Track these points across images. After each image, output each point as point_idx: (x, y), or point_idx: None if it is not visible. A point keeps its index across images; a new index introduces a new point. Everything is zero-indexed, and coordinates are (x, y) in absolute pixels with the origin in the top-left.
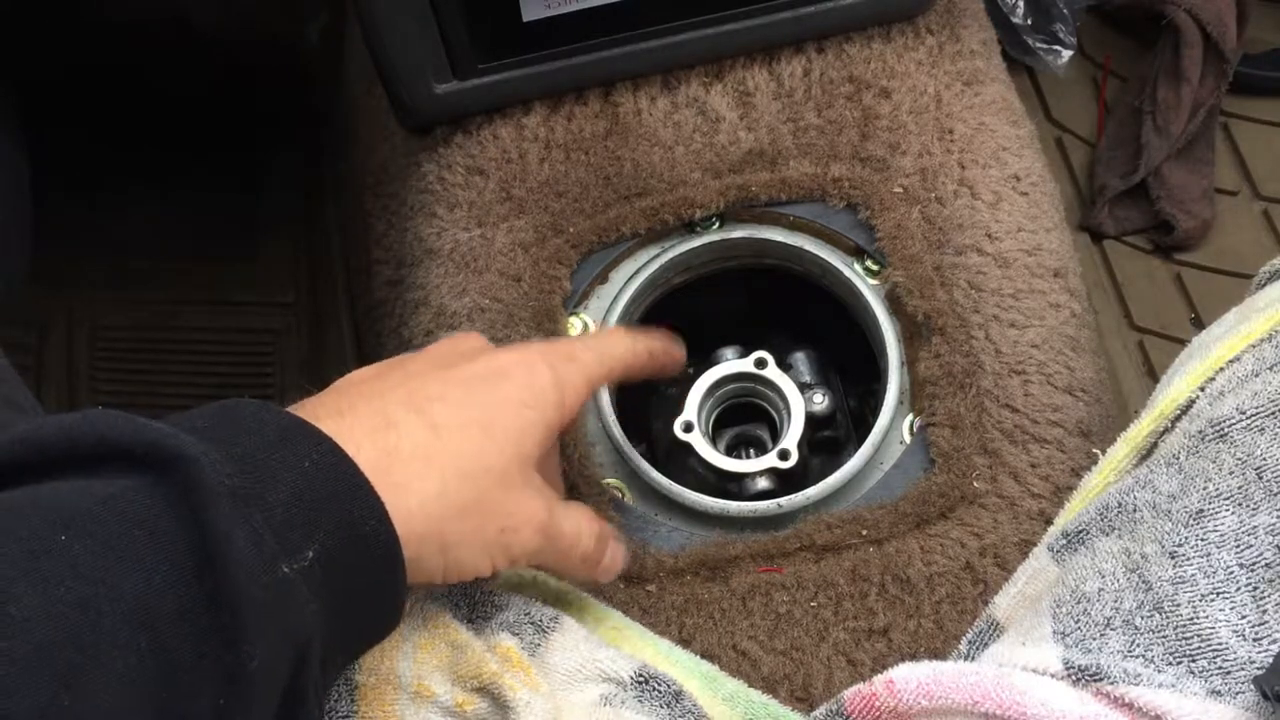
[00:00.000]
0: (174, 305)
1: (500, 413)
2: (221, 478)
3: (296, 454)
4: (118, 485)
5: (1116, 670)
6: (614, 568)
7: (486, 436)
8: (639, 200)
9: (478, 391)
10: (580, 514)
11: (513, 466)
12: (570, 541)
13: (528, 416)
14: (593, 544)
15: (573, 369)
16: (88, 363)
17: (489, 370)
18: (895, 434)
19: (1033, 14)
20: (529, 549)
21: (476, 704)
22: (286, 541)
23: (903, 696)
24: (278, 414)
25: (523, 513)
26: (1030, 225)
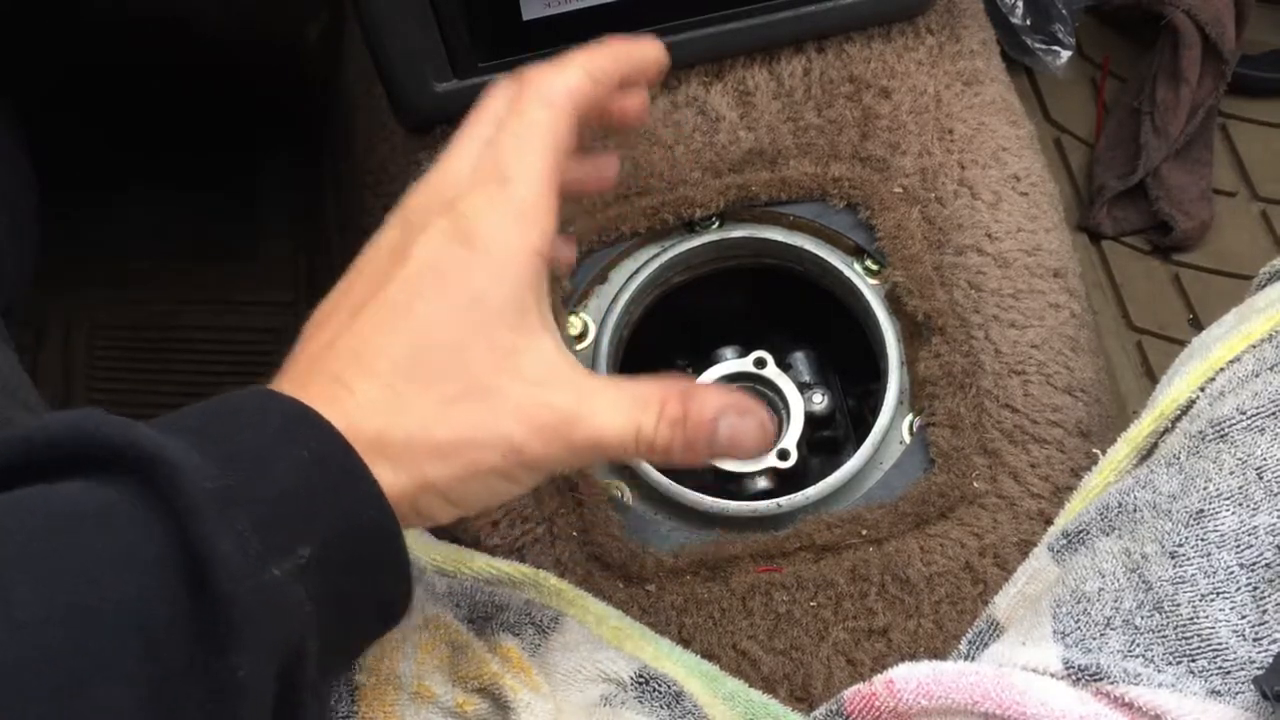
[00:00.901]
0: (173, 305)
1: (444, 329)
2: (202, 480)
3: (295, 445)
4: (107, 491)
5: (1116, 670)
6: (746, 442)
7: (441, 369)
8: (639, 199)
9: (410, 315)
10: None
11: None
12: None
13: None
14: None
15: (506, 199)
16: (86, 363)
17: (417, 274)
18: (895, 434)
19: (1032, 14)
20: (551, 462)
21: (477, 704)
22: (277, 542)
23: (902, 696)
24: (282, 402)
25: (513, 433)
26: (1030, 225)
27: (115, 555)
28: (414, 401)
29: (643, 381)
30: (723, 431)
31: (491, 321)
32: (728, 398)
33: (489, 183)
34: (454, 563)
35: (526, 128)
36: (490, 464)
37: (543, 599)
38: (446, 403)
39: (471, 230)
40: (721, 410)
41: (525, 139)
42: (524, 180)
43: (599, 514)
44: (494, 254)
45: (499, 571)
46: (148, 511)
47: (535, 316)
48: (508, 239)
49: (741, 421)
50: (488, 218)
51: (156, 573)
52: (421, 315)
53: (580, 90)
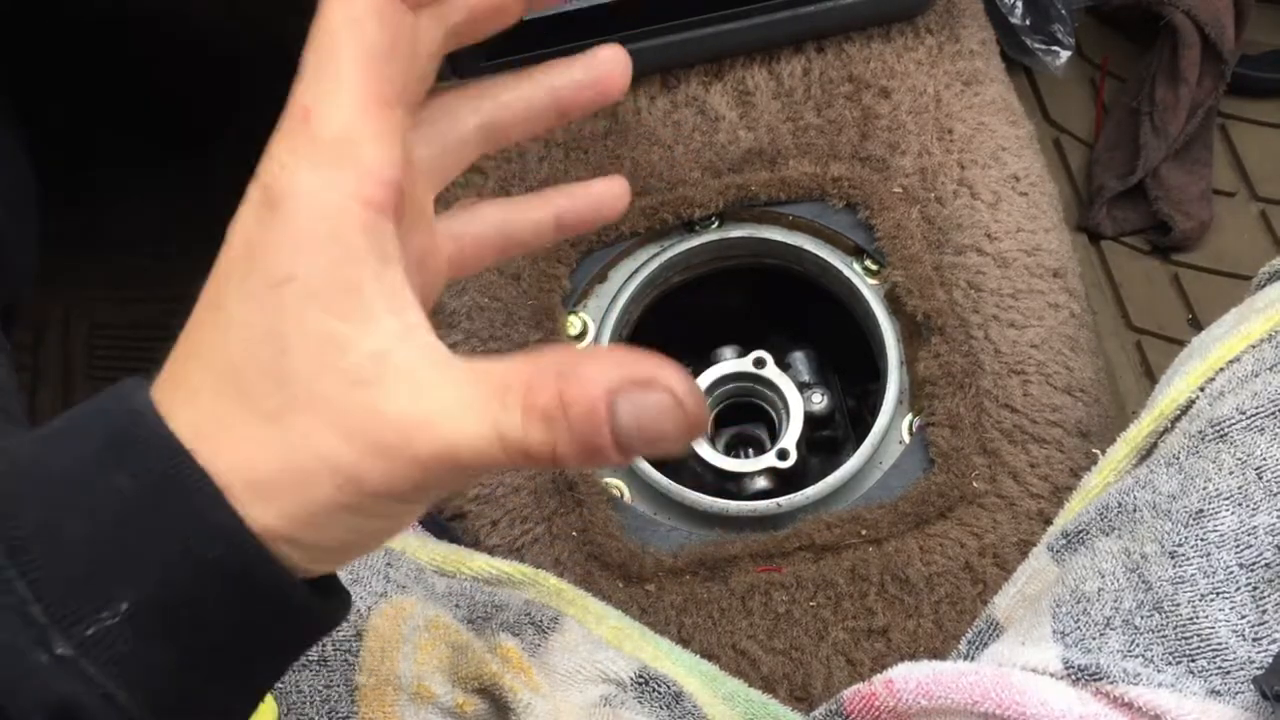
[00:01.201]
0: (172, 304)
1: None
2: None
3: (116, 469)
4: None
5: (1116, 670)
6: (660, 427)
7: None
8: (638, 199)
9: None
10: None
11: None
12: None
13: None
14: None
15: (308, 141)
16: (84, 362)
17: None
18: (894, 434)
19: (1031, 14)
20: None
21: (477, 705)
22: (72, 605)
23: (902, 696)
24: (123, 405)
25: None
26: (1029, 225)
27: None
28: (227, 424)
29: (507, 361)
30: (624, 418)
31: (306, 308)
32: (621, 367)
33: (291, 123)
34: (453, 563)
35: (322, 36)
36: (328, 498)
37: (542, 599)
38: (262, 422)
39: (274, 191)
40: (615, 386)
41: (323, 54)
42: (327, 111)
43: (598, 514)
44: (300, 218)
45: (498, 571)
46: None
47: (370, 293)
48: (315, 194)
49: (647, 399)
50: (290, 172)
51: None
52: (231, 312)
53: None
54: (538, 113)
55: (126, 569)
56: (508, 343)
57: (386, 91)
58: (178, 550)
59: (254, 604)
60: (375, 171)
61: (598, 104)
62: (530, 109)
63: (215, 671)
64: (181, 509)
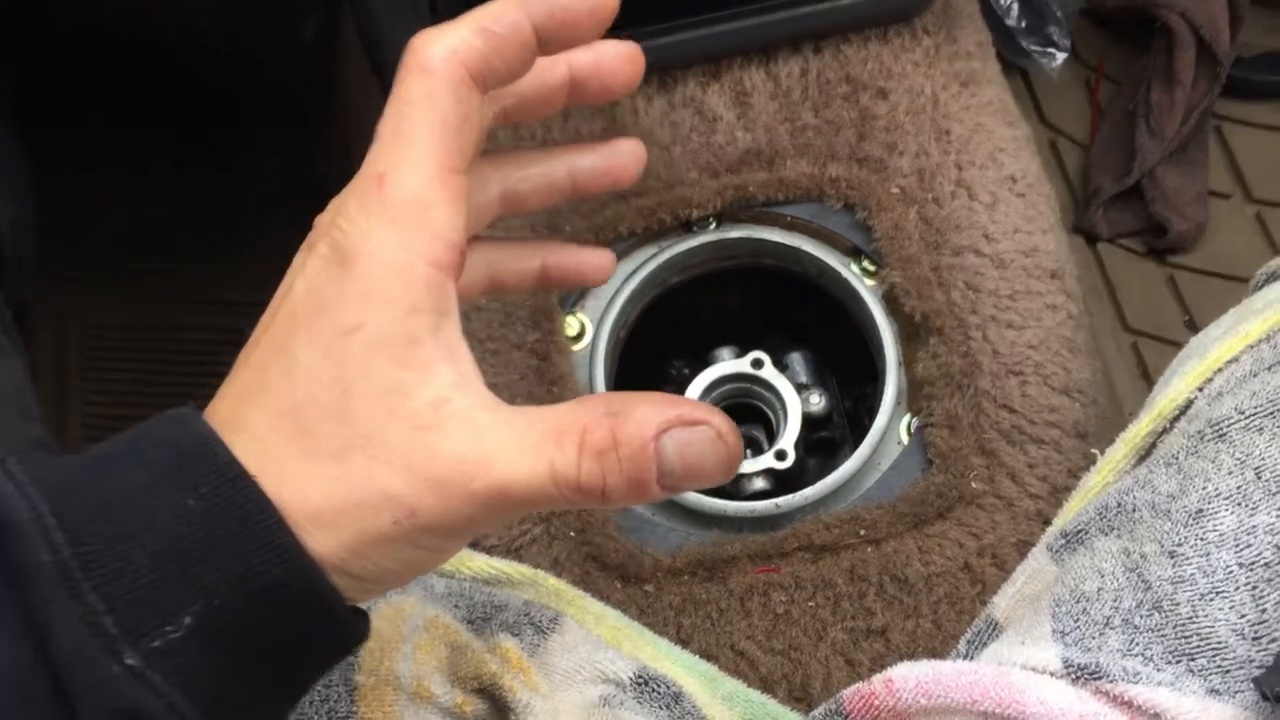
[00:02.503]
0: (167, 305)
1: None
2: (41, 552)
3: (183, 490)
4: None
5: (1116, 669)
6: (705, 464)
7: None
8: (636, 200)
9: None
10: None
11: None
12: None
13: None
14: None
15: (381, 203)
16: (79, 363)
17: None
18: (893, 434)
19: (1027, 17)
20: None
21: (476, 705)
22: (141, 617)
23: (901, 695)
24: (188, 432)
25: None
26: (1027, 226)
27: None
28: (288, 463)
29: (561, 407)
30: (671, 455)
31: (372, 356)
32: (669, 408)
33: (365, 185)
34: (453, 563)
35: (401, 107)
36: (382, 530)
37: (541, 599)
38: (324, 460)
39: (347, 247)
40: (663, 425)
41: (401, 123)
42: (402, 176)
43: (597, 514)
44: (371, 273)
45: (497, 571)
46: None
47: (430, 346)
48: (386, 252)
49: (693, 436)
50: (362, 229)
51: (7, 653)
52: (297, 356)
53: (469, 49)
54: (555, 188)
55: (192, 586)
56: (505, 343)
57: (455, 161)
58: (240, 570)
59: (307, 623)
60: (444, 234)
61: (611, 189)
62: (549, 185)
63: (266, 683)
64: (246, 531)
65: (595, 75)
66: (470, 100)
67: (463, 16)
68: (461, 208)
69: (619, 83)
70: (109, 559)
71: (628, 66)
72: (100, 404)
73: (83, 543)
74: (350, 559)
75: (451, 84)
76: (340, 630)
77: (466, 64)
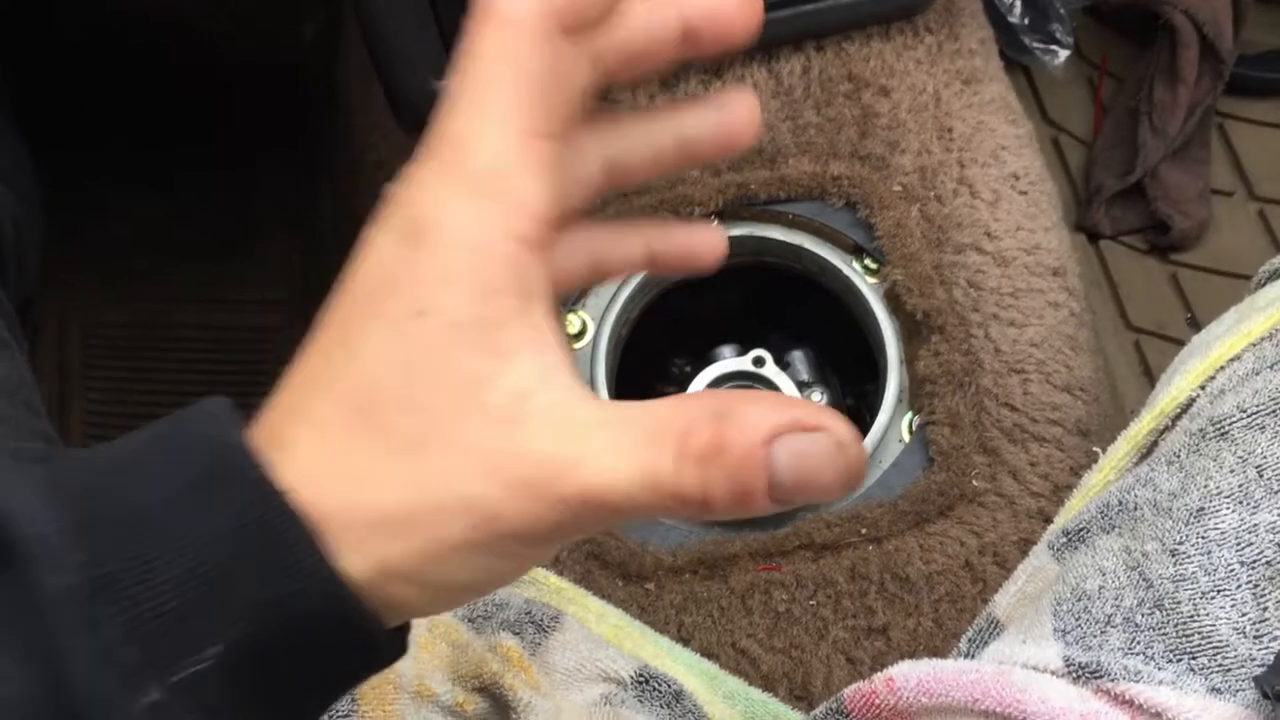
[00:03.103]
0: (167, 303)
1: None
2: (57, 574)
3: (213, 508)
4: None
5: (1117, 667)
6: (822, 476)
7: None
8: (637, 197)
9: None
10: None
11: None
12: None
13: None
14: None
15: (460, 172)
16: (80, 361)
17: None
18: (894, 432)
19: (1029, 14)
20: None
21: (477, 703)
22: (165, 647)
23: (902, 694)
24: (223, 435)
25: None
26: (1029, 224)
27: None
28: (355, 458)
29: (662, 404)
30: (783, 464)
31: (447, 343)
32: (784, 410)
33: (440, 153)
34: None
35: (479, 64)
36: (460, 536)
37: (542, 597)
38: (394, 456)
39: (418, 221)
40: (776, 430)
41: (477, 82)
42: (480, 141)
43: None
44: (445, 250)
45: None
46: (10, 610)
47: (512, 331)
48: (464, 227)
49: (810, 445)
50: (435, 200)
51: (23, 680)
52: (365, 340)
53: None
54: (661, 157)
55: (220, 613)
56: None
57: (540, 123)
58: (272, 597)
59: (343, 651)
60: (527, 206)
61: (725, 155)
62: (655, 153)
63: (294, 711)
64: (280, 556)
65: (709, 21)
66: (557, 51)
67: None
68: (549, 176)
69: (739, 30)
70: (130, 582)
71: (749, 11)
72: (101, 404)
73: (102, 563)
74: (422, 566)
75: (533, 32)
76: (376, 655)
77: (557, 10)
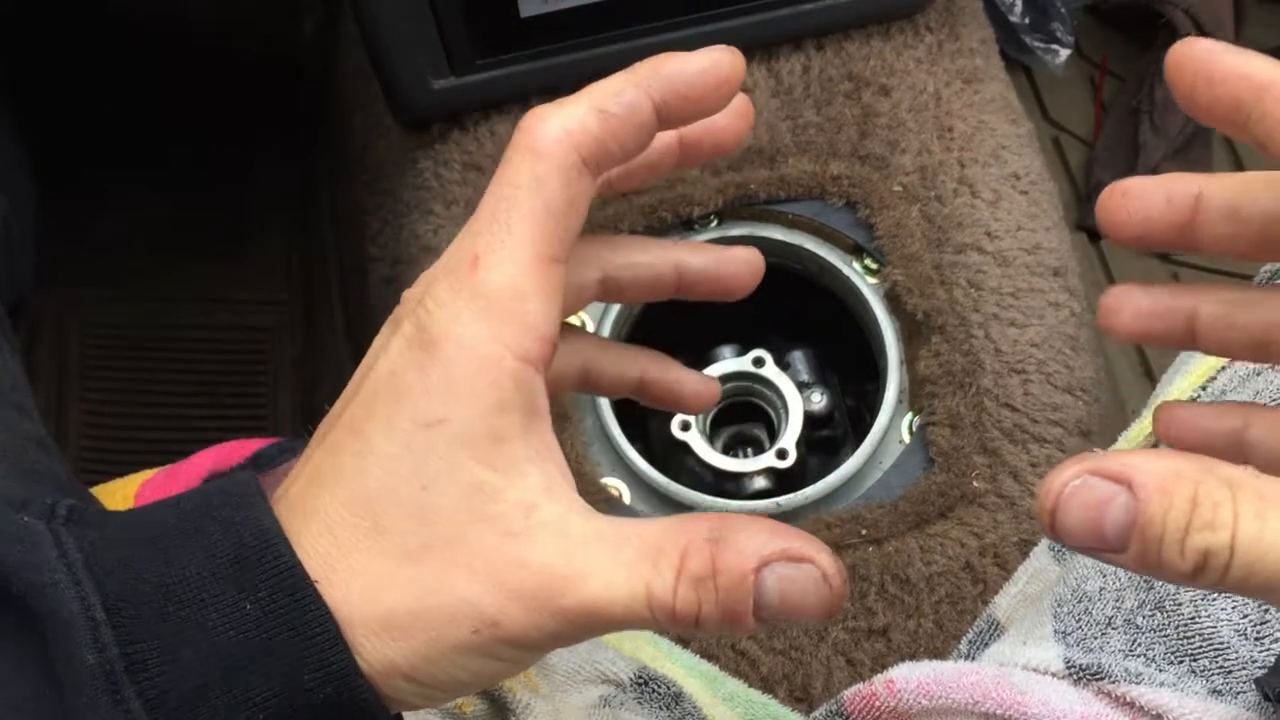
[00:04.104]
0: (166, 303)
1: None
2: (88, 651)
3: (241, 591)
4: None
5: (1118, 669)
6: (805, 605)
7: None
8: (636, 197)
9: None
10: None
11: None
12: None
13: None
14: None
15: (473, 290)
16: (78, 362)
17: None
18: (894, 433)
19: (1030, 13)
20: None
21: (476, 705)
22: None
23: (903, 696)
24: (252, 520)
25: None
26: (1030, 224)
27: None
28: (360, 558)
29: (659, 524)
30: (771, 590)
31: (455, 453)
32: (775, 539)
33: (458, 268)
34: None
35: (503, 189)
36: (459, 640)
37: None
38: (401, 560)
39: (433, 331)
40: (767, 559)
41: (502, 205)
42: (497, 262)
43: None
44: (457, 363)
45: None
46: (34, 682)
47: (518, 445)
48: (475, 343)
49: (796, 574)
50: (450, 314)
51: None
52: (374, 444)
53: (584, 131)
54: (659, 284)
55: (239, 695)
56: None
57: (555, 249)
58: (292, 684)
59: None
60: (536, 328)
61: (720, 297)
62: (654, 279)
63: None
64: (302, 645)
65: (707, 135)
66: (579, 185)
67: (579, 94)
68: (557, 300)
69: (731, 139)
70: (156, 660)
71: (741, 122)
72: (99, 404)
73: (132, 641)
74: (421, 666)
75: (562, 168)
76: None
77: (579, 147)
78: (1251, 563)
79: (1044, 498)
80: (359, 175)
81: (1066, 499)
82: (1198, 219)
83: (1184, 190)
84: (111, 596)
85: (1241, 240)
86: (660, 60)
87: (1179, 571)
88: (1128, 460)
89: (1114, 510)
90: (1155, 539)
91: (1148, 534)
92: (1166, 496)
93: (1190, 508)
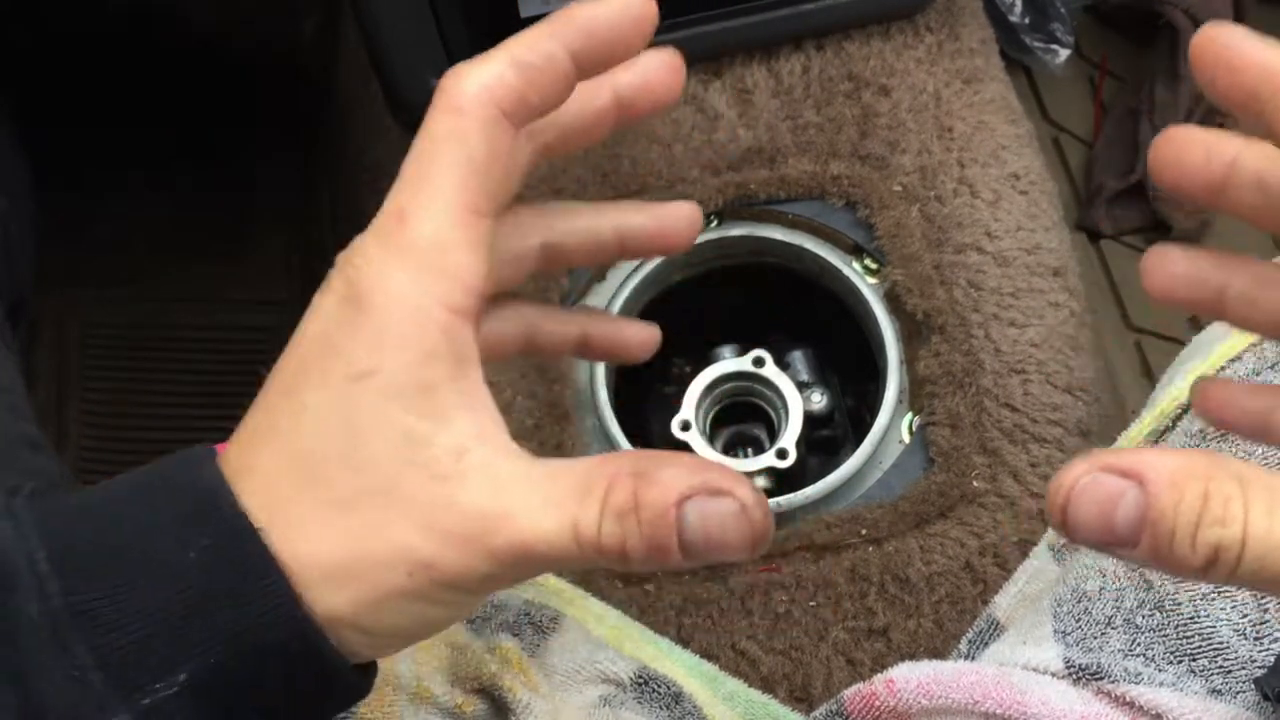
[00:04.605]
0: (166, 303)
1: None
2: (32, 602)
3: (186, 539)
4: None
5: (1117, 669)
6: (727, 537)
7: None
8: (637, 197)
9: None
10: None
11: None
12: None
13: None
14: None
15: (400, 243)
16: (78, 362)
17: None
18: (894, 433)
19: (1030, 13)
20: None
21: (476, 705)
22: (131, 673)
23: (902, 696)
24: (199, 478)
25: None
26: (1029, 224)
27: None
28: (297, 509)
29: (585, 462)
30: (693, 523)
31: (386, 403)
32: (695, 474)
33: (385, 224)
34: None
35: (427, 145)
36: (397, 585)
37: (542, 599)
38: (333, 510)
39: (361, 287)
40: (686, 492)
41: (425, 161)
42: (423, 215)
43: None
44: (385, 316)
45: None
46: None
47: (448, 392)
48: (402, 294)
49: (716, 508)
50: (379, 269)
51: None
52: (306, 400)
53: (502, 84)
54: (601, 246)
55: (188, 643)
56: None
57: (480, 202)
58: (240, 629)
59: (306, 683)
60: (463, 279)
61: (662, 254)
62: (596, 242)
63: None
64: (249, 590)
65: (642, 92)
66: (501, 139)
67: (496, 48)
68: (484, 252)
69: (665, 96)
70: (102, 610)
71: (672, 76)
72: (99, 404)
73: (76, 592)
74: (363, 614)
75: (482, 122)
76: (341, 690)
77: (499, 100)
78: (1262, 556)
79: (1055, 494)
80: (359, 175)
81: (1078, 494)
82: (1230, 182)
83: (1222, 151)
84: (57, 551)
85: (1263, 213)
86: (573, 8)
87: (1190, 565)
88: (1139, 456)
89: (1125, 505)
90: (1167, 533)
91: (1159, 528)
92: (1177, 491)
93: (1201, 503)
